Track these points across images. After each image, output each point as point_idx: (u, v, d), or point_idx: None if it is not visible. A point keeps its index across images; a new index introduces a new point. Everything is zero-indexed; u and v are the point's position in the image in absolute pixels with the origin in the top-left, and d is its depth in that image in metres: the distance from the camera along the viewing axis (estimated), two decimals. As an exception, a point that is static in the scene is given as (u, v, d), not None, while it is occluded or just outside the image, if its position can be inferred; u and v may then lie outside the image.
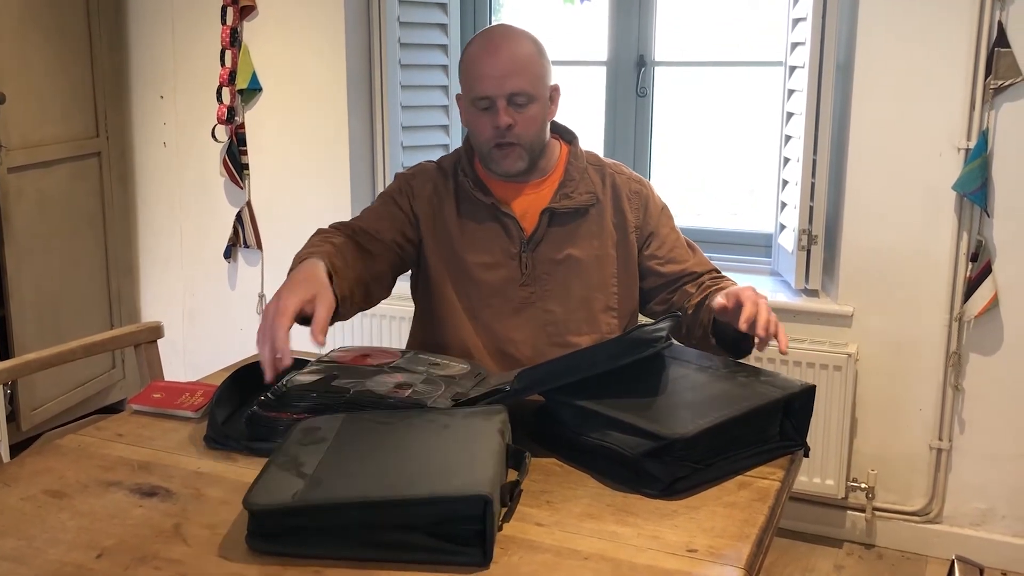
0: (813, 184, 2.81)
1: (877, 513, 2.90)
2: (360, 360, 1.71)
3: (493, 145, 1.87)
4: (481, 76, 1.84)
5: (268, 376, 1.49)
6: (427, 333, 2.01)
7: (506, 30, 1.93)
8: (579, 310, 1.92)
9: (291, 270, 1.71)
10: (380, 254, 1.88)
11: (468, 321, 1.94)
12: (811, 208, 2.82)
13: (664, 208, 2.02)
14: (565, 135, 2.02)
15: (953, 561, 2.36)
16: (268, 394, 1.59)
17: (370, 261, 1.85)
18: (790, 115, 2.92)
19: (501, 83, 1.82)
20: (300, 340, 1.84)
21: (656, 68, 3.24)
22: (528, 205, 1.93)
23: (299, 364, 1.77)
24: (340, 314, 1.71)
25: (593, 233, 1.93)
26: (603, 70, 3.28)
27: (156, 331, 2.10)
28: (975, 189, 2.61)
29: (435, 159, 2.05)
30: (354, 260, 1.79)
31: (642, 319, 1.96)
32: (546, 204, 1.91)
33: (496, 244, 1.92)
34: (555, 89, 1.94)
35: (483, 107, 1.86)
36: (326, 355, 1.75)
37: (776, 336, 1.62)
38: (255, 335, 1.53)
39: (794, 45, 2.87)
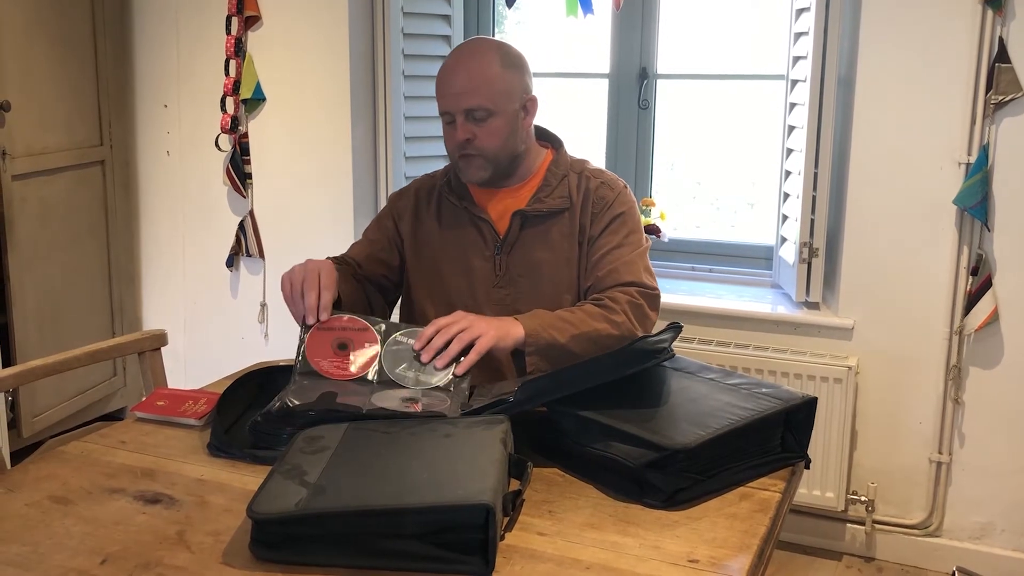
0: (814, 197, 2.82)
1: (876, 526, 2.90)
2: (341, 359, 1.69)
3: (458, 156, 1.94)
4: (442, 93, 1.93)
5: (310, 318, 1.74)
6: None
7: (474, 47, 1.97)
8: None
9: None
10: (360, 284, 2.01)
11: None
12: (812, 221, 2.83)
13: (621, 216, 1.95)
14: (553, 142, 2.06)
15: (954, 572, 2.36)
16: (271, 410, 1.58)
17: (354, 286, 1.99)
18: (792, 128, 2.93)
19: (458, 100, 1.89)
20: (289, 351, 1.85)
21: (658, 80, 3.26)
22: (505, 209, 1.98)
23: (285, 371, 1.77)
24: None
25: (563, 236, 1.95)
26: (605, 82, 3.30)
27: (160, 339, 2.11)
28: (975, 203, 2.62)
29: (437, 170, 2.13)
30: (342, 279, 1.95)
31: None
32: (520, 207, 1.96)
33: (471, 247, 1.98)
34: (531, 101, 1.96)
35: (447, 121, 1.94)
36: (302, 364, 1.69)
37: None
38: (252, 339, 1.55)
39: (796, 59, 2.89)
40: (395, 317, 2.10)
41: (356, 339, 1.74)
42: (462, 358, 1.69)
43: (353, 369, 1.70)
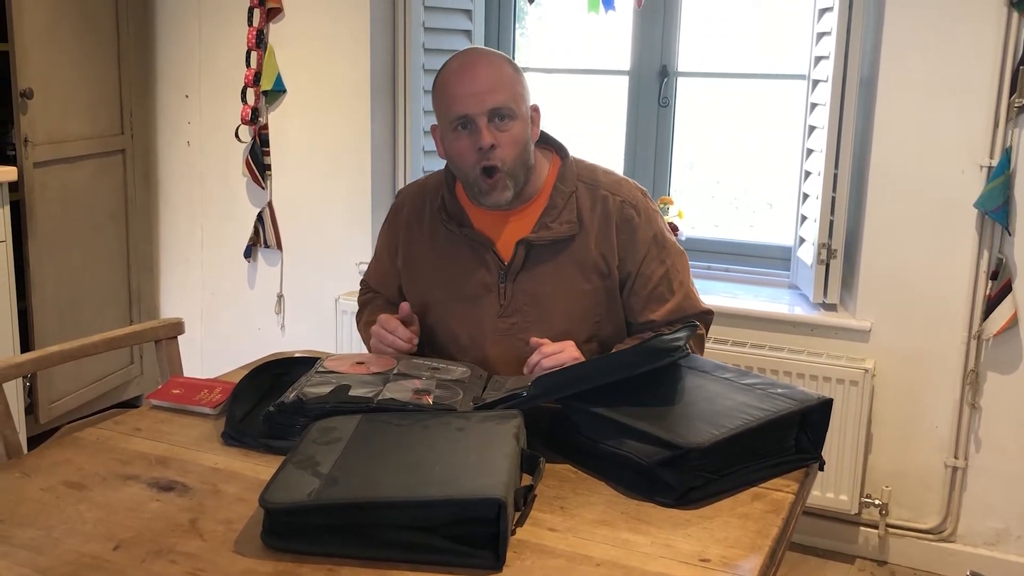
0: (834, 198, 2.80)
1: (890, 530, 2.89)
2: (358, 368, 1.71)
3: (479, 172, 1.79)
4: (458, 95, 1.78)
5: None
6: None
7: (480, 51, 1.92)
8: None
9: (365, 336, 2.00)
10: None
11: (450, 350, 1.93)
12: (831, 222, 2.82)
13: (656, 237, 1.89)
14: (558, 150, 1.93)
15: (967, 579, 2.35)
16: (285, 401, 1.59)
17: None
18: (812, 129, 2.92)
19: (481, 99, 1.76)
20: (305, 342, 1.86)
21: (679, 79, 3.25)
22: (509, 234, 1.86)
23: (308, 363, 1.78)
24: None
25: (575, 263, 1.84)
26: (625, 79, 3.29)
27: (177, 327, 2.12)
28: (997, 207, 2.60)
29: (425, 180, 2.05)
30: None
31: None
32: (525, 234, 1.85)
33: (474, 275, 1.88)
34: (535, 109, 1.87)
35: (463, 128, 1.79)
36: (321, 366, 1.73)
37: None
38: (269, 330, 1.55)
39: (818, 59, 2.87)
40: None
41: (374, 359, 1.77)
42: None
43: (371, 370, 1.71)
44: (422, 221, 1.96)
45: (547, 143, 1.95)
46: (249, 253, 3.58)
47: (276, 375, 1.83)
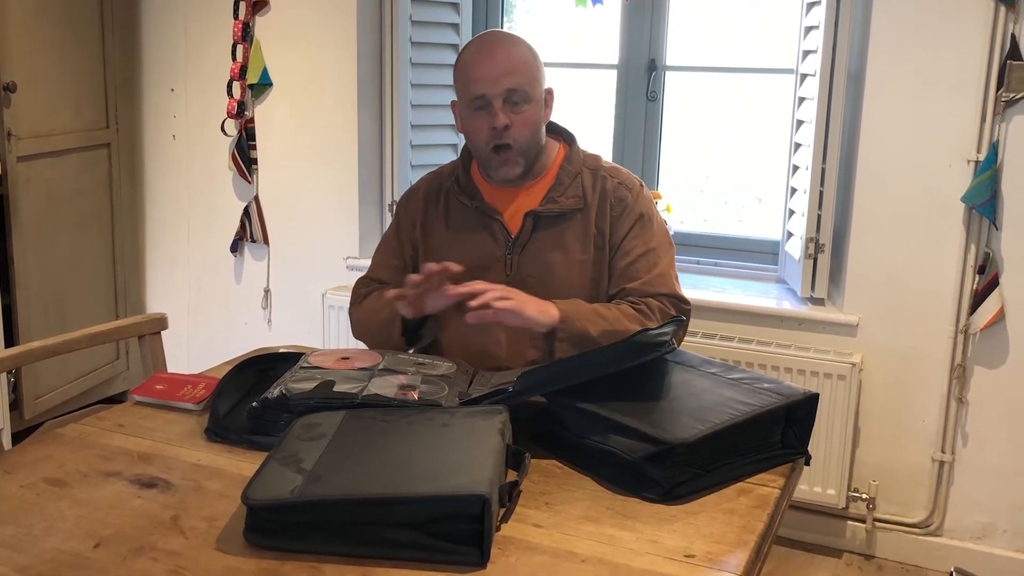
0: (821, 192, 2.80)
1: (877, 524, 2.89)
2: (343, 364, 1.70)
3: (491, 148, 1.88)
4: (477, 77, 1.86)
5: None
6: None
7: (500, 34, 2.00)
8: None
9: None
10: None
11: (455, 322, 1.94)
12: (819, 216, 2.82)
13: (642, 217, 1.94)
14: (566, 137, 2.02)
15: (951, 573, 2.36)
16: (269, 397, 1.58)
17: None
18: (800, 123, 2.91)
19: (497, 81, 1.84)
20: (292, 337, 1.84)
21: (667, 72, 3.24)
22: (517, 208, 1.94)
23: (293, 358, 1.77)
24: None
25: (577, 237, 1.92)
26: (614, 73, 3.28)
27: (160, 322, 2.10)
28: (984, 201, 2.60)
29: (444, 163, 2.10)
30: None
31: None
32: (532, 207, 1.92)
33: (482, 247, 1.94)
34: (548, 92, 1.96)
35: (479, 107, 1.87)
36: (305, 361, 1.72)
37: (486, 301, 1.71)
38: (255, 325, 1.54)
39: (806, 53, 2.87)
40: None
41: (359, 355, 1.76)
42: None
43: (356, 365, 1.70)
44: (438, 201, 2.02)
45: (555, 131, 2.02)
46: (235, 247, 3.57)
47: (260, 371, 1.82)
